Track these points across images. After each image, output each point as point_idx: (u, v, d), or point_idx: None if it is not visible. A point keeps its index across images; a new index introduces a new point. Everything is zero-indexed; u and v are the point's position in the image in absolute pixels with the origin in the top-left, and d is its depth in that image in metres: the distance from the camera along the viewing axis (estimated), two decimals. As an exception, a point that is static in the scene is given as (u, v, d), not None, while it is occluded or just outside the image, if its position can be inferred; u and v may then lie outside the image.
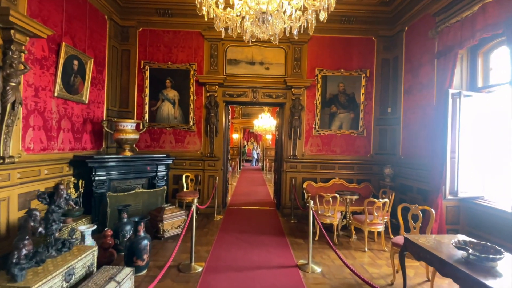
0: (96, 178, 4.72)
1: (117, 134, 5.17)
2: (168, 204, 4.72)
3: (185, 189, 5.99)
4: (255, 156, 19.79)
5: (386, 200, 4.22)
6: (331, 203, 4.55)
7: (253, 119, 12.80)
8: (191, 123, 6.13)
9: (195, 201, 3.64)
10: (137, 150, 6.13)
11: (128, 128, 5.26)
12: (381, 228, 4.29)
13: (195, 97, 6.14)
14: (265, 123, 11.58)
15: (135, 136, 5.35)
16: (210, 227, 5.14)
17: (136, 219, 3.40)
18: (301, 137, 6.17)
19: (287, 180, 6.18)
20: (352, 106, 6.24)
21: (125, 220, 3.95)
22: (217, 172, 6.12)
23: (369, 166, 6.28)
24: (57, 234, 2.54)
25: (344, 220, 5.03)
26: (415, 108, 5.36)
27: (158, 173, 5.59)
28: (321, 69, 6.18)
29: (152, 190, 5.31)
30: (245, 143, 21.33)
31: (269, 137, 16.36)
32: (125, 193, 4.92)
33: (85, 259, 2.61)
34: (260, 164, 18.87)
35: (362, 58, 6.26)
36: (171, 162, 5.88)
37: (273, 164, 12.43)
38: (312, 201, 3.51)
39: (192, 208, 3.47)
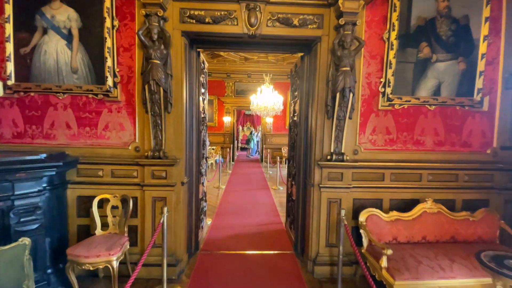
0: None
1: None
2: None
3: (98, 229, 2.71)
4: (255, 142, 16.31)
5: None
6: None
7: (250, 96, 9.38)
8: (109, 81, 2.74)
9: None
10: (-4, 143, 2.78)
11: None
12: None
13: (117, 23, 2.73)
14: (267, 99, 8.20)
15: None
16: None
17: None
18: (354, 114, 2.85)
19: (321, 204, 2.91)
20: (463, 47, 2.90)
21: None
22: (172, 190, 2.82)
23: (488, 174, 3.04)
24: None
25: None
26: None
27: (17, 202, 2.29)
28: (402, -40, 2.77)
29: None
30: (240, 129, 17.97)
31: (269, 120, 12.98)
32: None
33: None
34: (258, 153, 15.63)
35: None
36: (64, 169, 2.57)
37: (277, 156, 9.11)
38: None
39: None
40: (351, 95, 2.67)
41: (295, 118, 3.65)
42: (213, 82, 11.38)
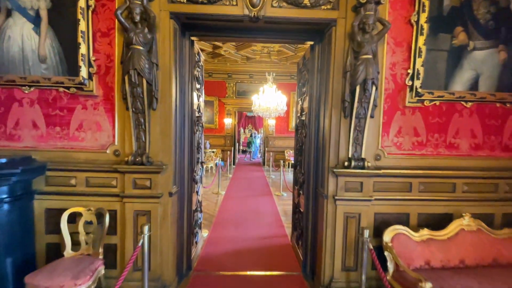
0: None
1: None
2: None
3: (68, 250, 2.25)
4: (257, 145, 15.76)
5: None
6: None
7: (252, 97, 8.94)
8: (83, 72, 2.30)
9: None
10: (-50, 145, 2.34)
11: None
12: None
13: (92, 3, 2.29)
14: (269, 99, 7.76)
15: None
16: None
17: None
18: (376, 112, 2.39)
19: (336, 219, 2.43)
20: (504, 33, 2.44)
21: None
22: (157, 202, 2.36)
23: (534, 183, 2.56)
24: None
25: None
26: None
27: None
28: None
29: None
30: (242, 131, 17.54)
31: (271, 122, 12.52)
32: None
33: None
34: (260, 156, 15.13)
35: None
36: (27, 177, 2.12)
37: (280, 159, 8.60)
38: None
39: None
40: (374, 88, 2.21)
41: (303, 118, 3.19)
42: (213, 82, 10.98)
